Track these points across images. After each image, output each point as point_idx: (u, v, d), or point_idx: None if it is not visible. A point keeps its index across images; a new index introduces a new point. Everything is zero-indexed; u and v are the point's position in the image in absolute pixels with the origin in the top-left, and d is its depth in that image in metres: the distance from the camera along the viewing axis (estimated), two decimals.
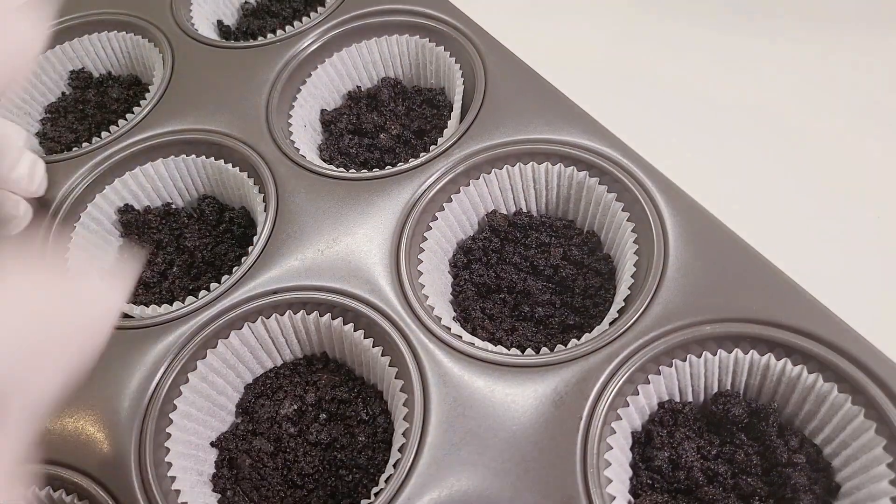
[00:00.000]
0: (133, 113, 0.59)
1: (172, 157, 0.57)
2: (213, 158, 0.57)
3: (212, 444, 0.47)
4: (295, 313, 0.47)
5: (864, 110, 0.59)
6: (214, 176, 0.58)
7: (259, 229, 0.51)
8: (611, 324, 0.44)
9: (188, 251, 0.55)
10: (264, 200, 0.53)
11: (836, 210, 0.54)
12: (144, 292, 0.53)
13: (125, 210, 0.57)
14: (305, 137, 0.59)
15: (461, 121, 0.55)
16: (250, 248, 0.50)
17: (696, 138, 0.59)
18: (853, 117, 0.58)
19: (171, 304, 0.49)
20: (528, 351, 0.44)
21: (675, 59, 0.64)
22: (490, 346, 0.45)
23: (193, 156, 0.57)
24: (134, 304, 0.50)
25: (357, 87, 0.64)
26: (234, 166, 0.55)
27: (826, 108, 0.59)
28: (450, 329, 0.45)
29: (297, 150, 0.55)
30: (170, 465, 0.42)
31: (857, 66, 0.61)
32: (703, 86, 0.62)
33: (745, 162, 0.57)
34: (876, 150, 0.56)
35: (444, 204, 0.51)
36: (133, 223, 0.57)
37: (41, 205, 0.54)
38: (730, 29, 0.66)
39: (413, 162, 0.52)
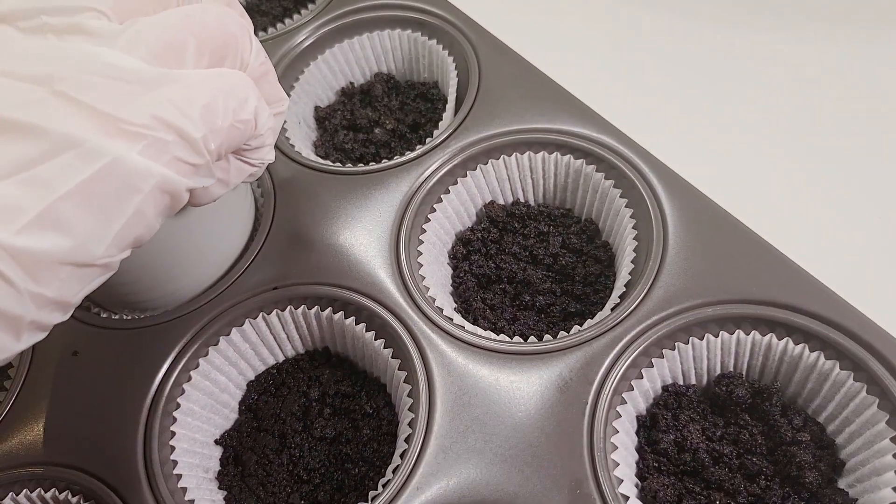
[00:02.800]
0: None
1: None
2: None
3: (216, 442, 0.47)
4: (296, 308, 0.47)
5: (858, 91, 0.59)
6: None
7: (258, 226, 0.51)
8: (613, 309, 0.44)
9: None
10: (262, 197, 0.52)
11: (832, 188, 0.54)
12: None
13: None
14: (300, 134, 0.59)
15: (456, 114, 0.55)
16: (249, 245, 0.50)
17: (691, 123, 0.59)
18: (848, 99, 0.59)
19: None
20: (532, 339, 0.44)
21: (668, 45, 0.65)
22: (493, 335, 0.45)
23: None
24: None
25: (350, 83, 0.63)
26: None
27: (823, 94, 0.60)
28: (452, 320, 0.45)
29: (293, 146, 0.55)
30: (175, 462, 0.42)
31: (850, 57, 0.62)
32: (696, 72, 0.63)
33: (740, 145, 0.57)
34: (872, 132, 0.57)
35: (441, 196, 0.51)
36: None
37: None
38: (721, 16, 0.66)
39: (410, 154, 0.52)
